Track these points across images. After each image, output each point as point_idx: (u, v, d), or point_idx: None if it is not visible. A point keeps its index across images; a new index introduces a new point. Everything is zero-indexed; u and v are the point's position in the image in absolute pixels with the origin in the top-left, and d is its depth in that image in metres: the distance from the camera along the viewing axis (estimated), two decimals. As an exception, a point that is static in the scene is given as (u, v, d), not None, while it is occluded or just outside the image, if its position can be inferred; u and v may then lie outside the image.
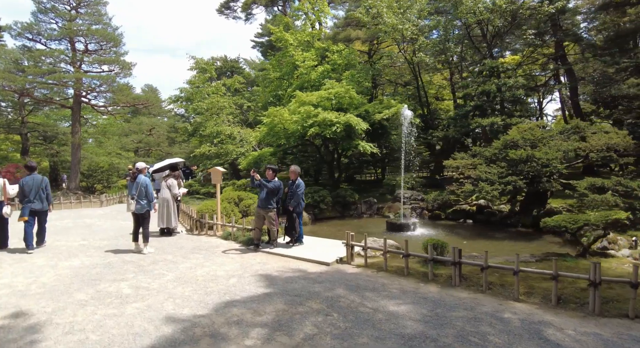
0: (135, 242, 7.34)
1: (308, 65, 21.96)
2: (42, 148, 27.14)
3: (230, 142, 17.59)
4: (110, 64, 20.45)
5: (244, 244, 8.12)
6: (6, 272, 5.89)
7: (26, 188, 7.32)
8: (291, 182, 7.90)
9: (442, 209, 15.61)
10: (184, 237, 9.04)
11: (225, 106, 19.28)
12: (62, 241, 8.40)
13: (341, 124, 14.80)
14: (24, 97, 20.65)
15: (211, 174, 9.98)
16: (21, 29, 19.54)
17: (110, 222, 11.41)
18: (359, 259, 6.90)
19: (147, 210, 7.25)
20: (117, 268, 6.05)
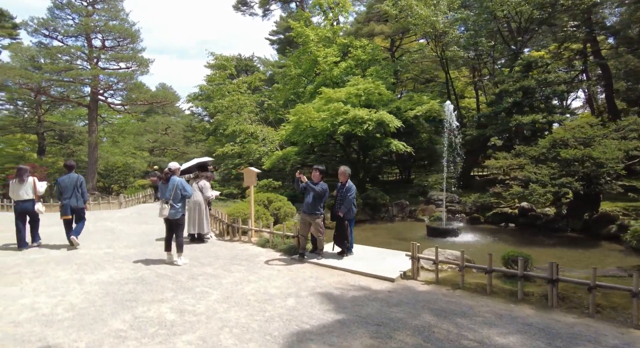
0: (167, 251, 6.52)
1: (330, 61, 21.08)
2: (58, 147, 26.67)
3: (252, 141, 16.78)
4: (127, 60, 19.80)
5: (286, 253, 7.26)
6: (27, 288, 5.09)
7: (63, 186, 7.47)
8: (340, 184, 7.02)
9: (481, 212, 14.60)
10: (217, 244, 8.20)
11: (246, 104, 18.49)
12: (85, 248, 7.62)
13: (373, 121, 13.89)
14: (41, 95, 20.11)
15: (244, 174, 9.12)
16: (37, 25, 18.99)
17: (132, 226, 10.64)
18: (425, 273, 6.00)
19: (182, 216, 6.43)
20: (152, 285, 5.21)
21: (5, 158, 18.86)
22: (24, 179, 7.42)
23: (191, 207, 8.13)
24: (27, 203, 7.48)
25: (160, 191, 6.51)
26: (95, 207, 15.46)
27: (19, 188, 7.41)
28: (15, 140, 24.79)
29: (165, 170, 6.46)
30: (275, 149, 17.19)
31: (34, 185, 7.51)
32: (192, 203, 8.10)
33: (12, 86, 20.01)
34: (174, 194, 6.26)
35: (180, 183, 6.34)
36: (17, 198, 7.47)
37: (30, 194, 7.52)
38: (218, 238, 9.00)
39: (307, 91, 21.82)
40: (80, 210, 7.75)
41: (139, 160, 26.10)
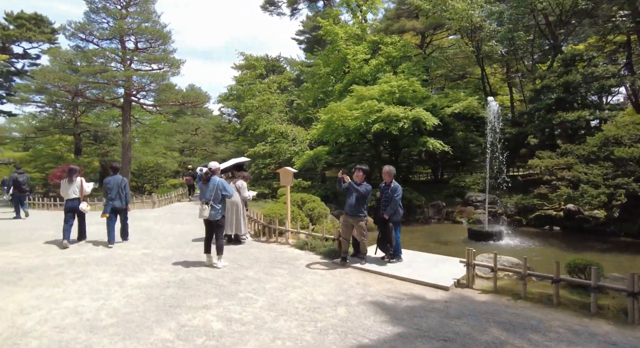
0: (207, 253, 6.33)
1: (359, 59, 20.70)
2: (93, 148, 27.38)
3: (283, 141, 16.60)
4: (159, 62, 20.02)
5: (326, 256, 6.96)
6: (70, 289, 4.99)
7: (109, 187, 7.89)
8: (385, 185, 6.65)
9: (523, 214, 13.87)
10: (254, 245, 7.99)
11: (276, 103, 18.34)
12: (123, 249, 7.56)
13: (409, 119, 13.42)
14: (77, 97, 20.63)
15: (280, 174, 8.89)
16: (74, 29, 19.47)
17: (168, 226, 10.61)
18: (481, 282, 5.58)
19: (222, 217, 6.23)
20: (194, 290, 5.01)
21: (45, 158, 19.47)
22: (73, 179, 7.88)
23: (228, 207, 7.94)
24: (74, 202, 7.88)
25: (201, 191, 6.34)
26: (129, 206, 15.64)
27: (68, 188, 7.86)
28: (53, 141, 25.63)
29: (206, 170, 6.28)
30: (305, 148, 16.94)
31: (81, 185, 7.96)
32: (230, 204, 7.91)
33: (51, 89, 20.63)
34: (215, 195, 6.07)
35: (221, 184, 6.14)
36: (66, 197, 7.91)
37: (77, 193, 7.93)
38: (254, 239, 8.80)
39: (336, 90, 21.49)
40: (123, 212, 8.18)
41: (169, 160, 26.48)
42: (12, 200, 12.97)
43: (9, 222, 11.49)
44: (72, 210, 7.86)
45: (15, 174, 12.77)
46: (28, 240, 8.37)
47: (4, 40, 24.08)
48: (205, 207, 6.04)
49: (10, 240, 8.44)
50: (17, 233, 9.28)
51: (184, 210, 14.34)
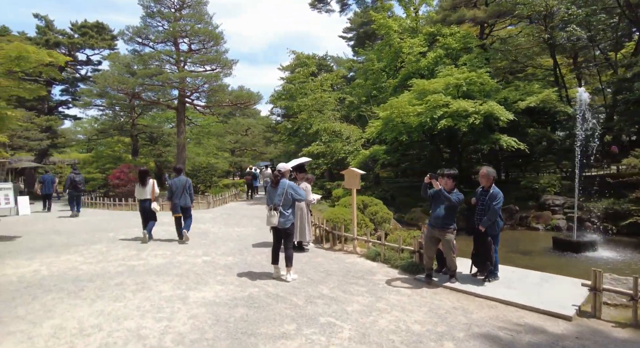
0: (274, 264, 5.70)
1: (416, 52, 19.56)
2: (148, 149, 28.21)
3: (336, 140, 15.89)
4: (212, 63, 20.01)
5: (406, 271, 6.10)
6: (131, 304, 4.51)
7: (174, 187, 8.25)
8: (482, 190, 5.67)
9: (613, 221, 12.17)
10: (320, 254, 7.29)
11: (329, 101, 17.67)
12: (182, 255, 7.14)
13: (480, 114, 12.19)
14: (135, 99, 21.16)
15: (345, 176, 8.13)
16: (132, 33, 19.92)
17: (225, 229, 10.20)
18: (608, 310, 4.50)
19: (292, 224, 5.57)
20: (266, 310, 4.36)
21: (105, 159, 20.16)
22: (146, 181, 8.50)
23: (292, 212, 7.34)
24: (146, 202, 8.48)
25: (268, 196, 5.71)
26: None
27: (141, 190, 8.50)
28: (112, 142, 26.68)
29: (275, 172, 5.63)
30: (360, 148, 16.11)
31: (153, 187, 8.53)
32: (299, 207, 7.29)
33: (111, 93, 21.31)
34: (285, 199, 5.41)
35: (291, 187, 5.48)
36: (139, 197, 8.57)
37: (149, 194, 8.50)
38: (315, 245, 8.11)
39: (390, 85, 20.46)
40: (188, 209, 8.50)
41: (220, 160, 26.62)
42: (69, 199, 13.71)
43: (70, 222, 11.65)
44: (144, 210, 8.49)
45: (72, 174, 13.63)
46: (89, 243, 8.22)
47: (69, 48, 25.31)
48: (273, 213, 5.40)
49: (73, 242, 8.34)
50: (78, 235, 9.23)
51: (239, 212, 14.02)
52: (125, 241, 8.40)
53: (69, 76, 28.97)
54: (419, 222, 12.52)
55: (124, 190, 17.56)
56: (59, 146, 28.25)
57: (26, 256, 6.98)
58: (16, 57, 7.56)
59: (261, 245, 8.13)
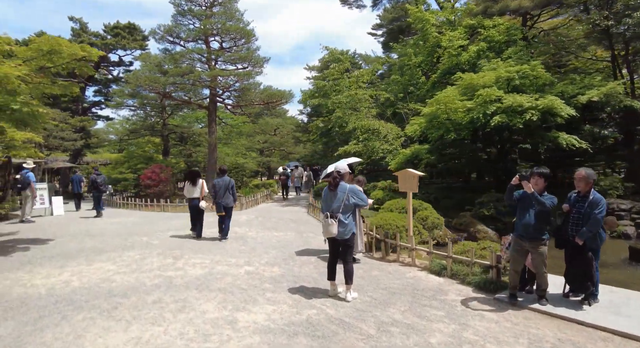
0: (331, 281, 4.94)
1: (455, 45, 18.47)
2: (179, 149, 28.13)
3: (373, 139, 15.03)
4: (243, 60, 19.49)
5: (480, 289, 5.23)
6: (172, 330, 3.84)
7: (217, 187, 8.49)
8: (577, 195, 4.73)
9: (692, 228, 10.81)
10: (375, 266, 6.47)
11: (366, 98, 16.80)
12: (222, 264, 6.48)
13: (537, 109, 11.06)
14: (166, 99, 20.96)
15: (399, 177, 7.28)
16: (163, 31, 19.68)
17: (263, 234, 9.54)
18: None
19: (353, 234, 4.79)
20: (333, 342, 3.59)
21: (137, 159, 20.01)
22: (196, 181, 9.00)
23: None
24: (195, 201, 8.99)
25: (324, 201, 4.95)
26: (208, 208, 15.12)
27: (192, 189, 8.98)
28: (143, 143, 26.74)
29: (334, 174, 4.85)
30: (401, 146, 15.16)
31: (202, 186, 9.05)
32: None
33: (142, 93, 21.19)
34: (345, 205, 4.64)
35: (353, 191, 4.72)
36: (189, 196, 9.03)
37: (198, 193, 8.99)
38: (364, 254, 7.29)
39: (429, 81, 19.40)
40: (230, 209, 8.75)
41: (248, 160, 26.19)
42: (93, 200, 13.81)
43: (103, 224, 11.28)
44: (194, 207, 8.97)
45: (94, 175, 13.74)
46: (122, 248, 7.71)
47: (102, 49, 25.47)
48: (331, 221, 4.64)
49: (105, 246, 7.85)
50: (111, 239, 8.77)
51: (273, 214, 13.37)
52: (159, 247, 7.84)
53: (101, 77, 29.31)
54: (470, 228, 11.51)
55: (156, 191, 17.29)
56: (92, 146, 28.57)
57: (57, 263, 6.50)
58: (48, 51, 7.13)
59: (305, 253, 7.40)
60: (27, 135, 13.65)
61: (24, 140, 13.48)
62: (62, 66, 7.82)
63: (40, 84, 7.77)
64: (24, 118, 7.08)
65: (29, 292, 5.01)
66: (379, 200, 13.79)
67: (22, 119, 7.20)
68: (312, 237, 9.10)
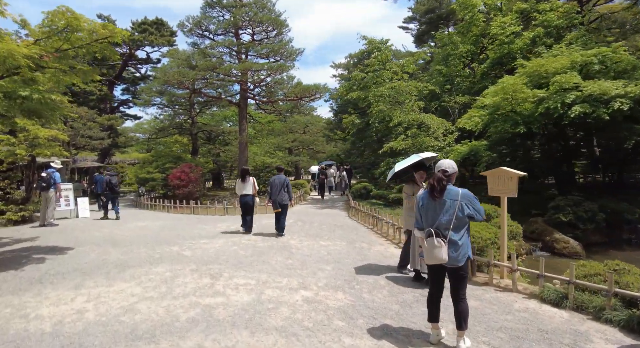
0: (432, 323, 3.54)
1: (508, 32, 16.70)
2: (207, 148, 27.31)
3: (421, 134, 13.50)
4: (275, 53, 18.32)
5: (630, 331, 3.72)
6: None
7: (273, 185, 8.72)
8: None
9: None
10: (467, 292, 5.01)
11: (410, 90, 15.25)
12: (271, 285, 5.20)
13: (628, 98, 9.31)
14: (195, 96, 20.07)
15: (488, 179, 5.78)
16: (192, 24, 18.77)
17: (308, 243, 8.23)
18: None
19: (468, 260, 3.37)
20: None
21: (165, 158, 19.15)
22: (246, 179, 9.10)
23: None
24: (247, 197, 9.15)
25: (423, 213, 3.52)
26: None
27: (242, 186, 9.13)
28: (170, 142, 26.08)
29: (439, 176, 3.43)
30: (453, 142, 13.57)
31: (254, 184, 9.17)
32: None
33: (170, 90, 20.37)
34: (457, 219, 3.25)
35: (467, 198, 3.31)
36: (240, 193, 9.19)
37: (250, 190, 9.12)
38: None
39: (478, 72, 17.67)
40: (285, 206, 8.93)
41: (275, 159, 24.95)
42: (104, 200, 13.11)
43: (128, 229, 10.25)
44: (245, 204, 9.17)
45: (108, 176, 12.95)
46: (149, 261, 6.54)
47: (130, 46, 24.95)
48: (438, 242, 3.24)
49: (130, 259, 6.71)
50: (137, 248, 7.65)
51: (312, 217, 12.04)
52: (193, 260, 6.64)
53: (129, 75, 28.88)
54: (544, 237, 9.87)
55: (185, 192, 16.32)
56: (120, 146, 28.14)
57: (72, 282, 5.37)
58: (64, 29, 6.04)
59: (367, 270, 6.04)
60: (52, 132, 12.89)
61: (48, 138, 12.73)
62: (83, 49, 6.74)
63: (58, 71, 6.71)
64: (37, 108, 6.03)
65: (30, 328, 3.84)
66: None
67: (35, 110, 6.15)
68: (366, 248, 7.73)
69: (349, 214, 13.10)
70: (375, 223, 10.43)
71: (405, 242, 6.09)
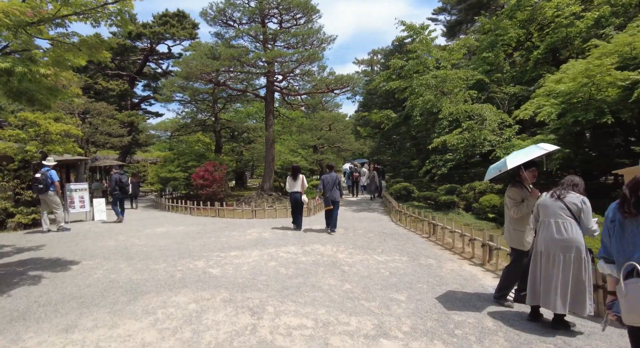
0: None
1: (567, 13, 14.78)
2: (231, 146, 26.13)
3: (476, 127, 11.76)
4: (304, 42, 16.78)
5: None
6: None
7: (326, 183, 9.07)
8: None
9: None
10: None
11: (459, 78, 13.50)
12: (335, 330, 3.68)
13: None
14: (218, 90, 18.82)
15: (625, 177, 4.13)
16: (216, 11, 17.46)
17: (359, 256, 6.71)
18: None
19: None
20: None
21: (187, 156, 17.96)
22: (297, 176, 9.21)
23: (552, 255, 3.58)
24: (297, 195, 9.21)
25: (615, 238, 1.94)
26: (276, 213, 12.51)
27: (293, 183, 9.25)
28: (193, 141, 25.04)
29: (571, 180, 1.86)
30: (513, 136, 11.76)
31: (303, 181, 9.25)
32: (562, 246, 3.53)
33: (192, 85, 19.21)
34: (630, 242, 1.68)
35: None
36: (290, 190, 9.28)
37: (299, 188, 9.18)
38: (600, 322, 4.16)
39: (531, 59, 15.71)
40: (337, 203, 9.04)
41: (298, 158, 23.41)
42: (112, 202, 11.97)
43: (146, 237, 8.94)
44: (295, 201, 9.27)
45: (117, 175, 11.85)
46: (168, 286, 5.10)
47: (151, 39, 23.96)
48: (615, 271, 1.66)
49: (144, 282, 5.30)
50: (154, 263, 6.26)
51: (353, 223, 10.46)
52: (224, 284, 5.18)
53: (150, 71, 28.00)
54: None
55: (209, 192, 15.03)
56: (141, 144, 27.27)
57: (64, 319, 3.98)
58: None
59: (455, 302, 4.45)
60: (64, 127, 11.74)
61: (61, 133, 11.61)
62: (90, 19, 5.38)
63: (58, 46, 5.38)
64: (28, 89, 4.72)
65: None
66: (494, 208, 10.55)
67: (25, 91, 4.83)
68: (435, 266, 6.14)
69: (392, 219, 11.52)
70: (432, 231, 8.82)
71: (510, 265, 4.49)
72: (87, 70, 22.54)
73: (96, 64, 22.35)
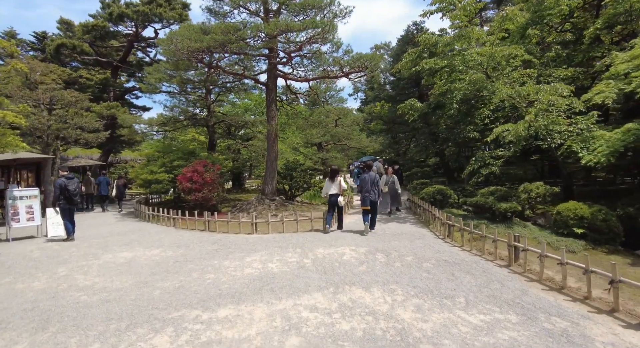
0: None
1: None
2: (227, 143, 23.31)
3: (540, 115, 9.01)
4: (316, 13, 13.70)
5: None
6: None
7: (364, 182, 8.86)
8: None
9: None
10: None
11: (510, 55, 10.70)
12: None
13: None
14: (212, 74, 15.92)
15: None
16: (208, -17, 14.60)
17: (435, 315, 3.93)
18: None
19: None
20: None
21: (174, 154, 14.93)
22: (335, 178, 9.09)
23: None
24: (334, 197, 8.95)
25: None
26: (277, 227, 9.64)
27: (331, 186, 9.08)
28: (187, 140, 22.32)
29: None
30: (592, 126, 9.01)
31: (340, 184, 9.05)
32: None
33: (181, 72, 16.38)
34: None
35: None
36: (329, 192, 9.05)
37: (337, 189, 8.97)
38: None
39: (586, 38, 12.93)
40: (375, 203, 8.79)
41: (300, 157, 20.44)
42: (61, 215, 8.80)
43: (109, 272, 6.12)
44: (333, 204, 9.00)
45: (63, 180, 8.67)
46: None
47: (136, 22, 21.03)
48: None
49: None
50: (85, 340, 3.50)
51: (390, 243, 7.58)
52: None
53: (136, 60, 25.12)
54: None
55: (198, 197, 12.15)
56: (127, 141, 24.36)
57: None
58: None
59: None
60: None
61: (-5, 122, 8.78)
62: None
63: None
64: None
65: None
66: (582, 221, 7.76)
67: None
68: (574, 334, 3.37)
69: (436, 233, 8.74)
70: (513, 257, 6.08)
71: None
72: (60, 55, 19.63)
73: (70, 48, 19.43)
